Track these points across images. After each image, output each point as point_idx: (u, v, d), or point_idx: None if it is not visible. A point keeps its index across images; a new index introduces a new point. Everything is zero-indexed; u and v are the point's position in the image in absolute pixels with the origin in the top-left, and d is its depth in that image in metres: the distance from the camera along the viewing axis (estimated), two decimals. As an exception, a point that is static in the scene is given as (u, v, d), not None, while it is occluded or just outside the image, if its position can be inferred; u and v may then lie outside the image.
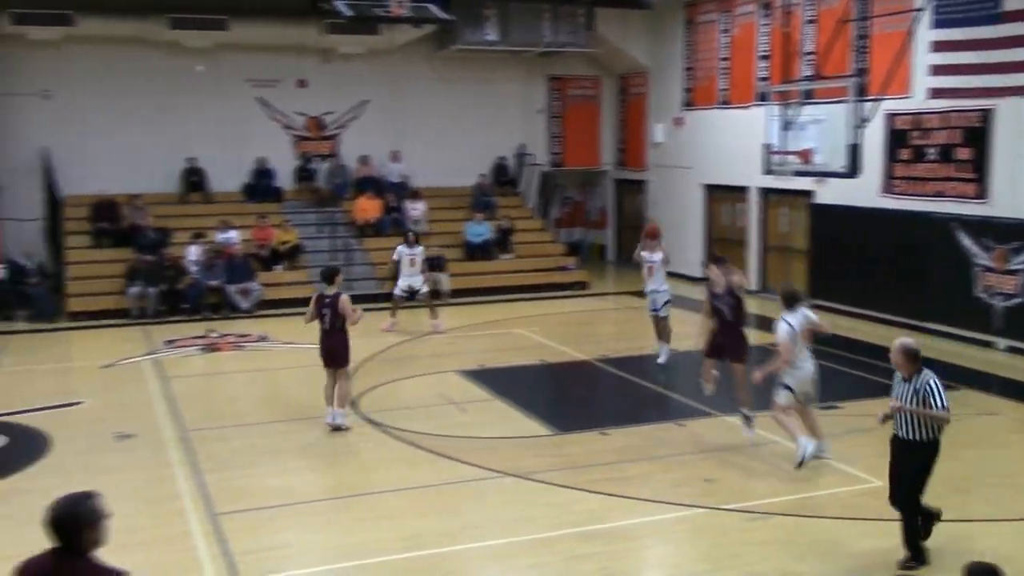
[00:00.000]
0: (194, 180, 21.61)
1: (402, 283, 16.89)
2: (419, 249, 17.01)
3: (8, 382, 13.74)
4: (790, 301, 9.40)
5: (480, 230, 21.60)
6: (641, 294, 15.33)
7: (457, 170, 23.17)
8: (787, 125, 16.02)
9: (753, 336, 17.46)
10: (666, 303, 14.31)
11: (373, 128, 22.96)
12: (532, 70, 24.24)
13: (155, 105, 21.30)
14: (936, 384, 7.09)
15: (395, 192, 22.24)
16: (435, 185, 22.90)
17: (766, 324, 17.57)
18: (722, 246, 22.14)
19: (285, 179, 22.41)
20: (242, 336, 16.45)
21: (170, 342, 16.04)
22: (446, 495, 9.12)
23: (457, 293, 19.89)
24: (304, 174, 22.62)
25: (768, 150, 16.47)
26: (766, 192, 20.22)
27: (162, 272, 18.61)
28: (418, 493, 9.15)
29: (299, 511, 8.78)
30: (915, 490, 7.27)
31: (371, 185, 22.27)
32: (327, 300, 11.18)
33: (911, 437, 7.19)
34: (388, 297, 19.05)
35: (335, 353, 11.21)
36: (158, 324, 17.55)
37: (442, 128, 23.38)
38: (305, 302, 18.89)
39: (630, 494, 8.99)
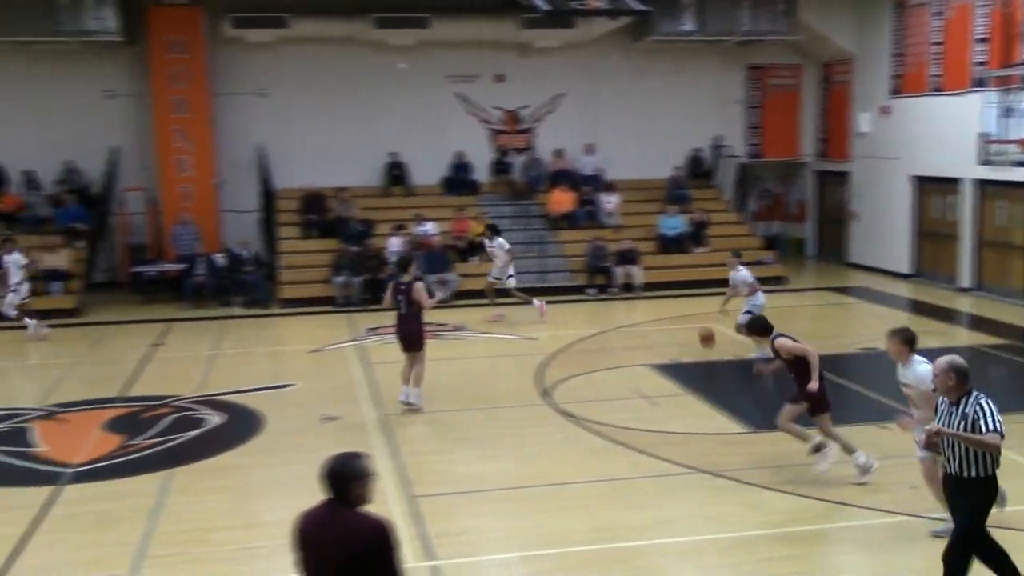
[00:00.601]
0: (396, 174, 22.42)
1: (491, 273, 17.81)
2: (499, 241, 17.68)
3: (227, 364, 14.70)
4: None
5: (674, 223, 21.40)
6: (841, 290, 14.79)
7: (651, 162, 23.02)
8: (1007, 112, 15.07)
9: (955, 337, 16.49)
10: None
11: (568, 121, 23.13)
12: (729, 60, 23.76)
13: (360, 102, 22.23)
14: (988, 405, 6.18)
15: (589, 185, 22.33)
16: (629, 177, 22.83)
17: (984, 324, 16.62)
18: (931, 241, 21.04)
19: (482, 172, 22.90)
20: (439, 325, 16.95)
21: (372, 329, 16.72)
22: (637, 489, 9.12)
23: (650, 287, 19.78)
24: (500, 167, 23.04)
25: (985, 139, 15.53)
26: (982, 184, 19.05)
27: (365, 262, 19.42)
28: (609, 485, 9.19)
29: (493, 497, 8.99)
30: (968, 540, 6.26)
31: (565, 178, 22.45)
32: (402, 287, 11.62)
33: (961, 472, 6.23)
34: (580, 290, 19.17)
35: (411, 338, 11.69)
36: (361, 312, 18.32)
37: (636, 120, 23.28)
38: (500, 292, 19.48)
39: (828, 497, 8.72)
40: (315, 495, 4.73)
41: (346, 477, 4.56)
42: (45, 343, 16.47)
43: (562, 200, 21.81)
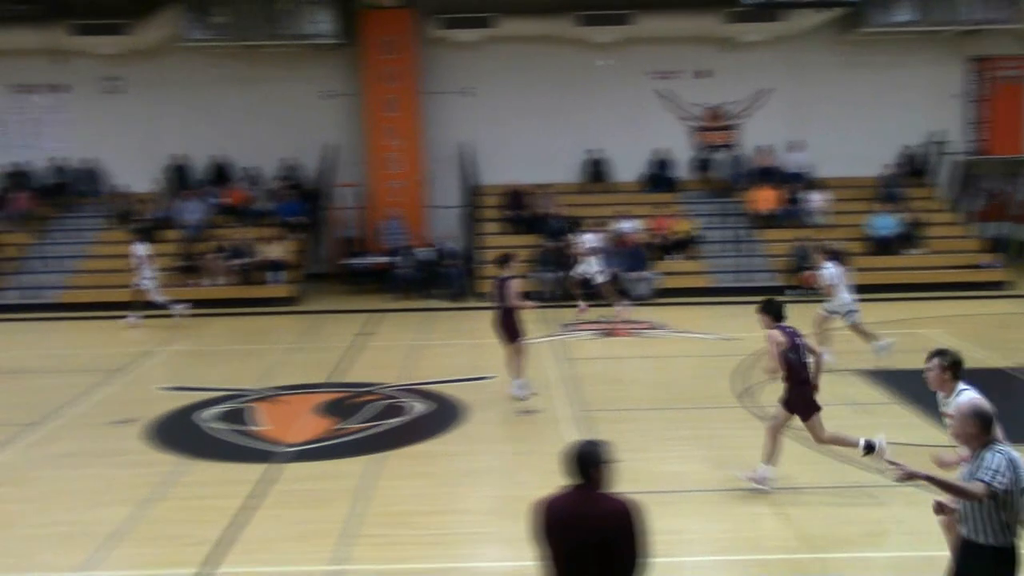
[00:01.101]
0: (596, 170, 22.48)
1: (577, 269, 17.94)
2: (586, 237, 17.92)
3: (430, 354, 15.15)
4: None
5: (886, 223, 20.45)
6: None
7: (860, 159, 22.08)
8: None
9: None
10: None
11: (773, 117, 22.51)
12: (949, 51, 22.48)
13: (562, 99, 22.41)
14: (1000, 455, 5.14)
15: (794, 182, 21.66)
16: (836, 175, 21.99)
17: None
18: None
19: (682, 169, 22.63)
20: (637, 323, 16.87)
21: (568, 325, 16.82)
22: (845, 498, 8.78)
23: (860, 288, 18.97)
24: (701, 164, 22.69)
25: None
26: None
27: (565, 258, 19.57)
28: (813, 494, 8.89)
29: (692, 499, 8.87)
30: None
31: (769, 175, 21.86)
32: (499, 282, 11.94)
33: (971, 536, 5.24)
34: (780, 291, 18.69)
35: (504, 330, 11.97)
36: (559, 308, 18.47)
37: (846, 115, 22.40)
38: (700, 292, 19.19)
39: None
40: (519, 485, 4.84)
41: (592, 462, 4.74)
42: (264, 330, 17.46)
43: (766, 198, 21.26)
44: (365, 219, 22.14)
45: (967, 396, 6.19)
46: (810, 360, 8.89)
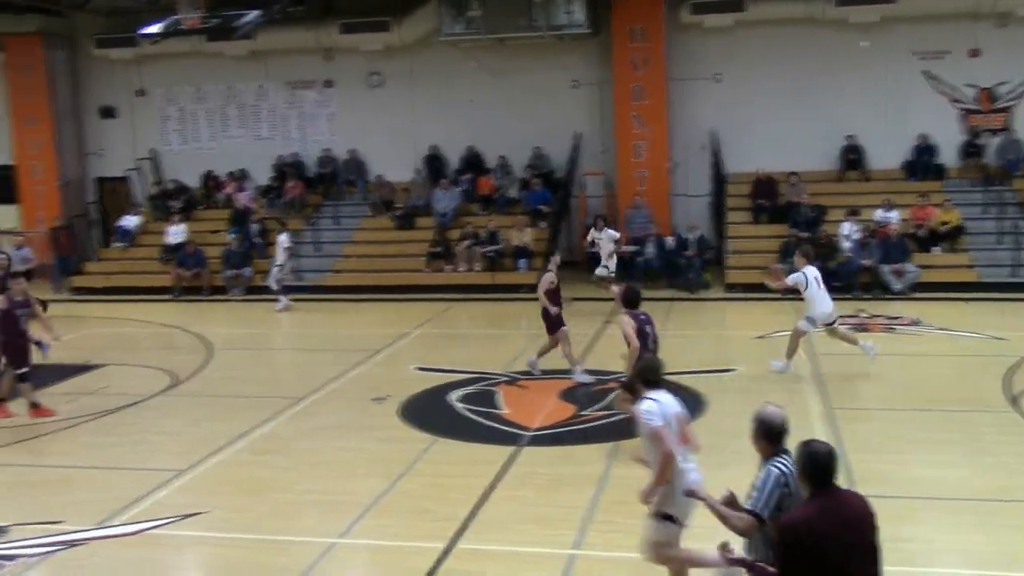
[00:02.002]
0: (852, 157, 21.53)
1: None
2: (608, 232, 17.86)
3: (671, 345, 15.04)
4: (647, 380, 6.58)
5: None
6: None
7: None
8: None
9: None
10: None
11: (1055, 97, 20.73)
12: None
13: (816, 84, 21.58)
14: (775, 474, 5.10)
15: (1079, 169, 19.88)
16: None
17: None
18: None
19: (949, 155, 21.26)
20: (894, 318, 16.09)
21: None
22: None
23: None
24: (971, 150, 21.23)
25: None
26: None
27: (816, 249, 18.88)
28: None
29: (944, 507, 8.42)
30: None
31: (1048, 161, 20.17)
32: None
33: (747, 552, 5.17)
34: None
35: (544, 322, 12.97)
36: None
37: None
38: (965, 287, 17.99)
39: None
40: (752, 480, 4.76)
41: (835, 463, 4.72)
42: (510, 316, 18.01)
43: (1043, 186, 19.63)
44: (611, 207, 22.30)
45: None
46: None
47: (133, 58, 24.39)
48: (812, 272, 12.69)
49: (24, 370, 12.06)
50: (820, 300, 12.65)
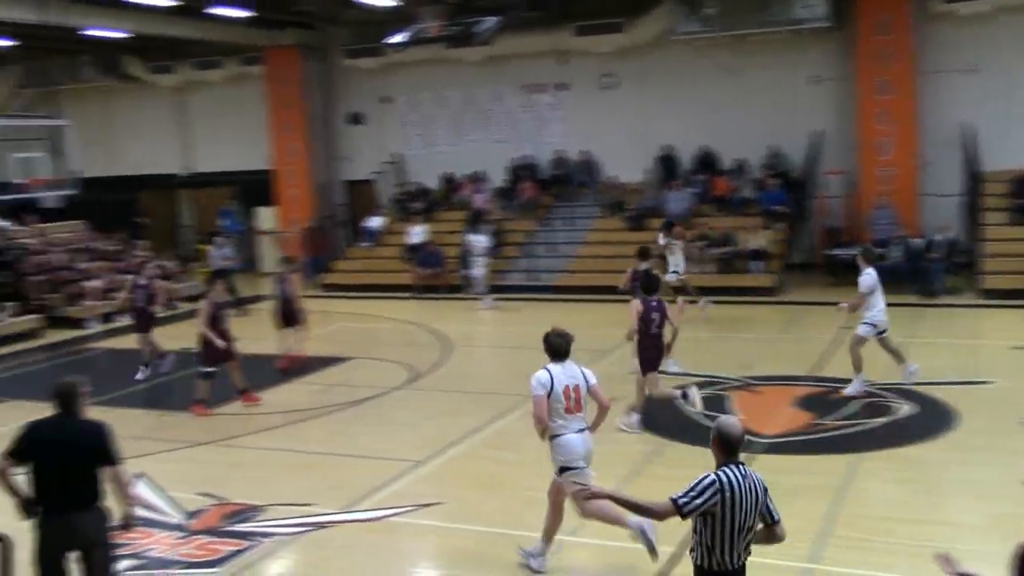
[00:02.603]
0: None
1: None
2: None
3: (918, 353, 14.29)
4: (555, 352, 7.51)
5: None
6: None
7: None
8: None
9: None
10: None
11: None
12: None
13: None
14: (712, 479, 5.15)
15: None
16: None
17: None
18: None
19: None
20: None
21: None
22: None
23: None
24: None
25: None
26: None
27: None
28: None
29: None
30: None
31: None
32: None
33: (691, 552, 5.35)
34: None
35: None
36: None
37: None
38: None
39: None
40: (1016, 502, 4.44)
41: None
42: (744, 319, 17.61)
43: None
44: (852, 208, 21.37)
45: None
46: None
47: (379, 67, 25.67)
48: (876, 274, 12.07)
49: (211, 369, 12.71)
50: (880, 301, 12.03)
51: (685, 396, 10.59)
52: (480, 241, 20.93)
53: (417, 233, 23.35)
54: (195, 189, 29.89)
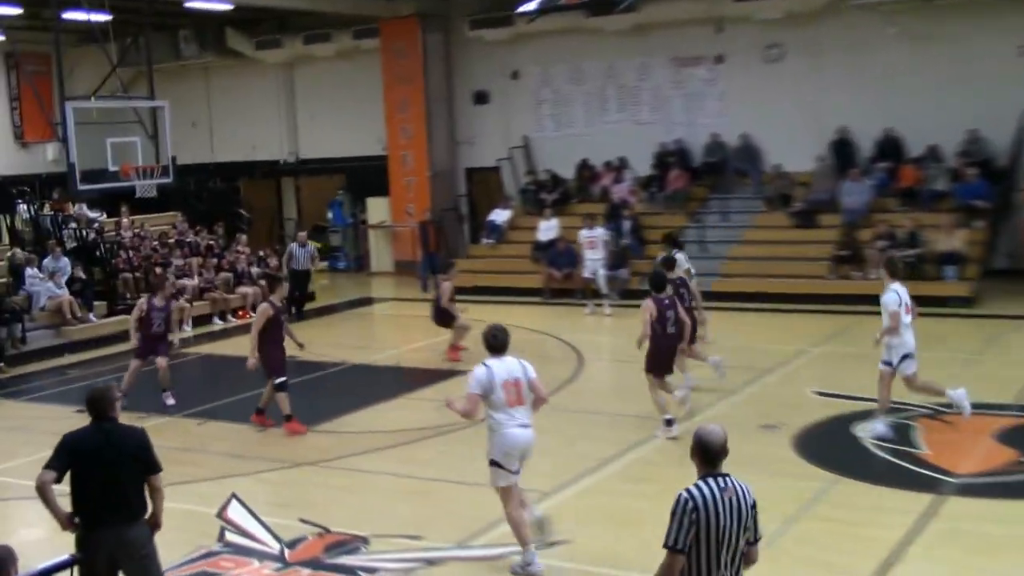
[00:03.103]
0: None
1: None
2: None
3: None
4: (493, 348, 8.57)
5: None
6: None
7: None
8: None
9: None
10: None
11: None
12: None
13: None
14: (678, 504, 5.39)
15: None
16: None
17: None
18: None
19: None
20: None
21: None
22: None
23: None
24: None
25: None
26: None
27: None
28: None
29: None
30: None
31: None
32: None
33: None
34: None
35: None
36: None
37: None
38: None
39: None
40: None
41: None
42: (935, 335, 17.01)
43: None
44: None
45: None
46: None
47: (508, 38, 25.84)
48: (902, 291, 11.39)
49: (282, 379, 12.87)
50: (910, 328, 11.38)
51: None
52: (595, 236, 20.84)
53: (548, 229, 23.37)
54: (301, 177, 30.70)
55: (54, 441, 6.76)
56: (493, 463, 8.49)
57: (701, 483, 5.47)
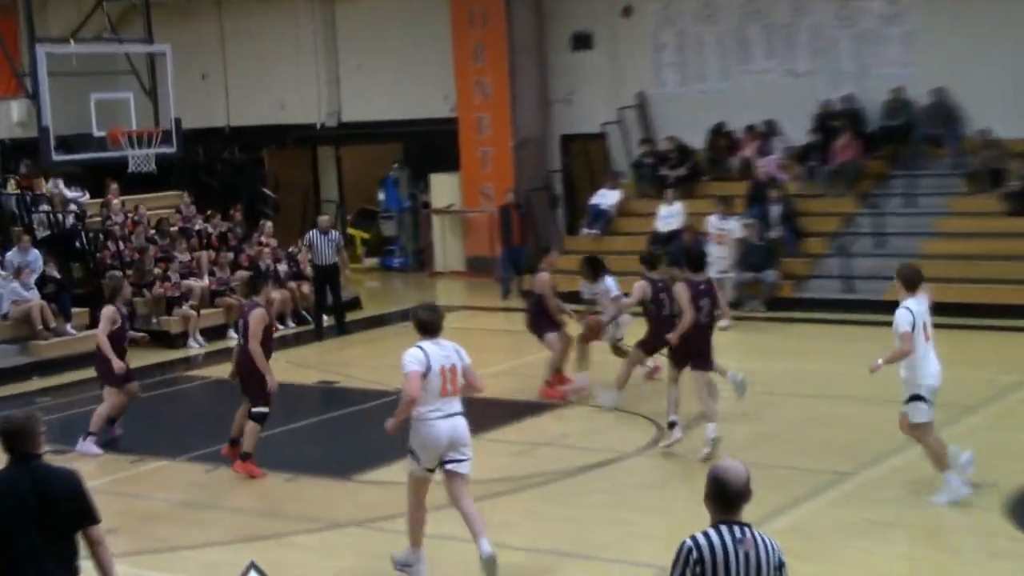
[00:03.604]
0: None
1: None
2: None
3: None
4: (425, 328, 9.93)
5: None
6: None
7: None
8: None
9: None
10: None
11: None
12: None
13: None
14: (681, 548, 5.62)
15: None
16: None
17: None
18: None
19: None
20: None
21: None
22: None
23: None
24: None
25: None
26: None
27: None
28: None
29: None
30: None
31: None
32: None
33: None
34: None
35: None
36: None
37: None
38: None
39: None
40: None
41: None
42: None
43: None
44: None
45: None
46: None
47: (623, -36, 25.76)
48: (919, 308, 11.39)
49: (262, 410, 13.10)
50: (927, 359, 11.38)
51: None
52: (727, 229, 20.63)
53: (670, 215, 23.18)
54: (343, 146, 30.81)
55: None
56: (411, 451, 9.88)
57: (711, 530, 5.62)
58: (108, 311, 14.78)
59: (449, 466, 9.80)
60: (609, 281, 16.46)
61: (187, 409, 16.77)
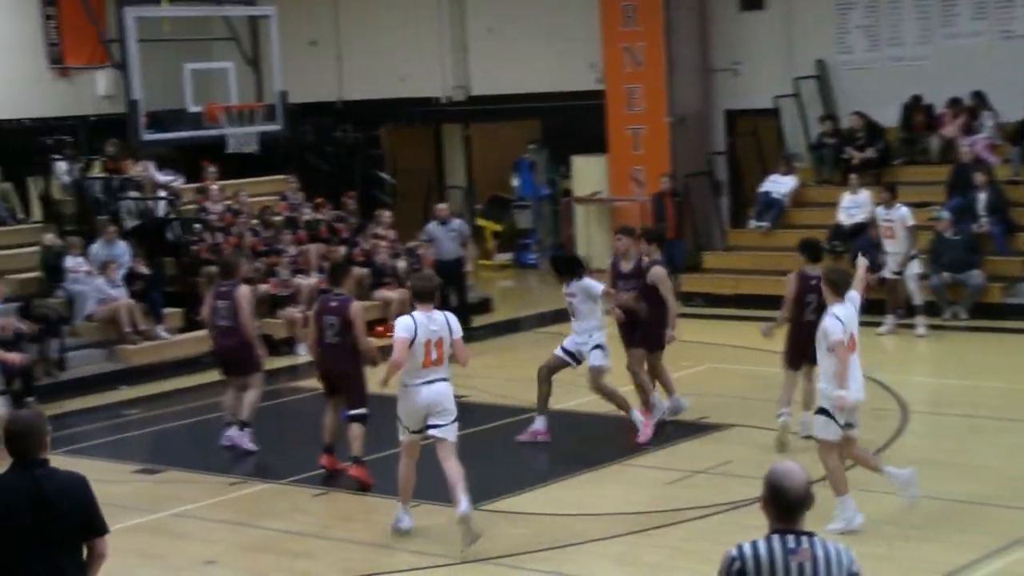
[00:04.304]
0: None
1: None
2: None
3: None
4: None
5: None
6: None
7: None
8: None
9: None
10: None
11: None
12: None
13: None
14: (725, 559, 5.88)
15: None
16: None
17: None
18: None
19: None
20: None
21: None
22: None
23: None
24: None
25: None
26: None
27: None
28: None
29: None
30: None
31: None
32: None
33: None
34: None
35: None
36: None
37: None
38: None
39: None
40: None
41: None
42: None
43: None
44: None
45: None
46: None
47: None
48: (845, 313, 11.86)
49: (362, 411, 13.74)
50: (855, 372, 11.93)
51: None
52: (894, 220, 20.52)
53: (856, 206, 23.02)
54: (472, 124, 31.02)
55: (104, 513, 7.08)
56: (398, 418, 11.92)
57: (762, 540, 5.80)
58: (246, 291, 15.27)
59: (432, 431, 11.85)
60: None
61: (292, 425, 17.03)
